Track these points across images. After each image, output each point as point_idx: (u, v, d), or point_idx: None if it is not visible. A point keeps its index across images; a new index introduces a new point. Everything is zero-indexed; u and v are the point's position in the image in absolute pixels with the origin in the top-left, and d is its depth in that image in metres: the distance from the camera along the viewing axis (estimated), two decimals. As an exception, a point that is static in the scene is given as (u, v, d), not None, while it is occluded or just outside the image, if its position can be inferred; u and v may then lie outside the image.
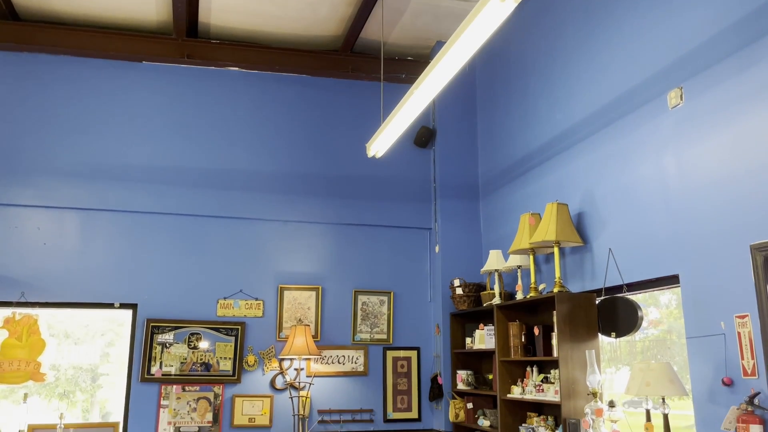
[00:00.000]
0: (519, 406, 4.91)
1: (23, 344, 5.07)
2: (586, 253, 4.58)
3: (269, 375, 5.77)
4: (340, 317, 6.09)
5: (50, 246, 5.49)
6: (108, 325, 5.74)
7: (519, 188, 5.57)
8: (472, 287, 5.72)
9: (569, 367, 4.19)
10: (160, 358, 5.50)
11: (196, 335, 5.64)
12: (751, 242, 3.15)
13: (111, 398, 5.62)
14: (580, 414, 4.06)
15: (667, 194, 3.80)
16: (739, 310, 3.19)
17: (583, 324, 4.27)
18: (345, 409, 5.89)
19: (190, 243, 5.84)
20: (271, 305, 5.92)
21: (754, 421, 2.98)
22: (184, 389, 5.52)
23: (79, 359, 5.59)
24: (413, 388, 6.12)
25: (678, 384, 3.35)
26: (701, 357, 3.42)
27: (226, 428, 5.55)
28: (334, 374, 5.93)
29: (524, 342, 4.85)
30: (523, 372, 4.95)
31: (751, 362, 3.09)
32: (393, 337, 6.18)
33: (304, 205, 6.16)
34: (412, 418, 6.05)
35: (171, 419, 5.43)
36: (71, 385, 5.57)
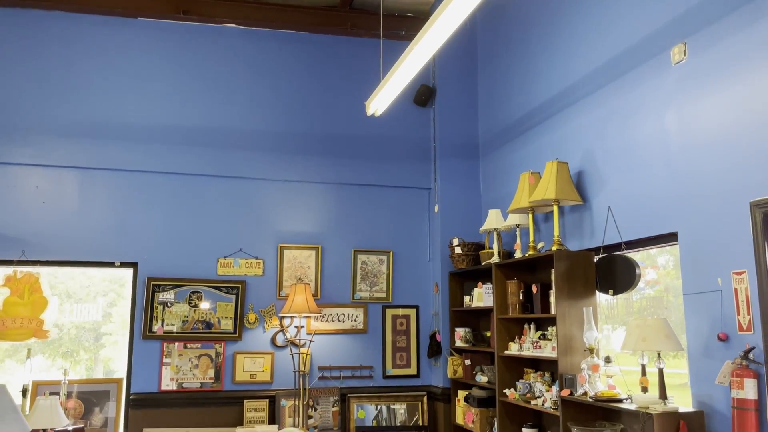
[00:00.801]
0: (516, 362, 4.98)
1: (25, 302, 5.11)
2: (585, 211, 4.59)
3: (270, 332, 5.84)
4: (339, 276, 6.13)
5: (49, 205, 5.49)
6: (109, 286, 5.78)
7: (519, 147, 5.55)
8: (470, 246, 5.75)
9: (566, 324, 4.24)
10: (161, 317, 5.56)
11: (197, 294, 5.68)
12: (750, 199, 3.15)
13: (114, 357, 5.70)
14: (577, 369, 4.12)
15: (668, 152, 3.79)
16: (737, 266, 3.21)
17: (581, 282, 4.30)
18: (345, 365, 5.98)
19: (190, 202, 5.84)
20: (271, 264, 5.95)
21: (748, 375, 3.03)
22: (186, 346, 5.59)
23: (81, 318, 5.64)
24: (412, 346, 6.20)
25: (674, 339, 3.39)
26: (697, 313, 3.46)
27: (227, 384, 5.64)
28: (334, 332, 6.00)
29: (522, 300, 4.90)
30: (520, 329, 5.01)
31: (747, 318, 3.12)
32: (392, 295, 6.24)
33: (304, 165, 6.14)
34: (410, 375, 6.14)
35: (174, 375, 5.52)
36: (74, 344, 5.64)
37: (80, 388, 5.29)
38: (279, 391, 5.71)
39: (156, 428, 5.37)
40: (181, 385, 5.52)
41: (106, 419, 5.33)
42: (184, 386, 5.52)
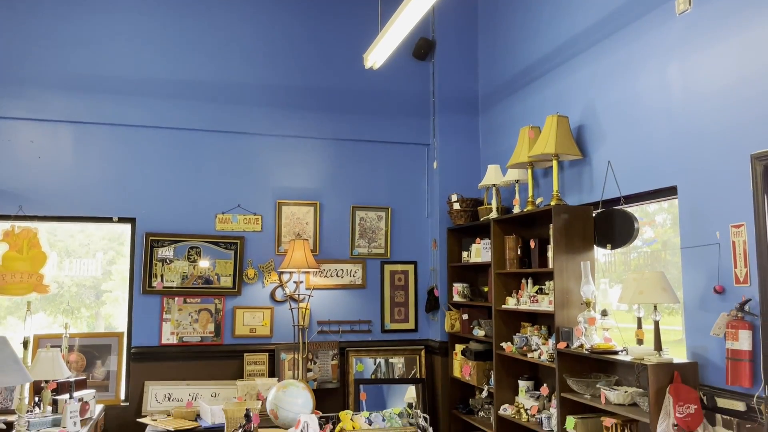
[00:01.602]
0: (513, 316, 5.03)
1: (24, 257, 5.12)
2: (584, 166, 4.56)
3: (269, 288, 5.87)
4: (338, 232, 6.13)
5: (45, 160, 5.44)
6: (109, 244, 5.78)
7: (519, 101, 5.48)
8: (469, 202, 5.74)
9: (564, 278, 4.26)
10: (161, 273, 5.58)
11: (196, 249, 5.69)
12: (752, 151, 3.13)
13: (115, 314, 5.74)
14: (573, 323, 4.16)
15: (670, 104, 3.74)
16: (735, 219, 3.21)
17: (579, 236, 4.31)
18: (344, 320, 6.04)
19: (187, 157, 5.79)
20: (269, 220, 5.94)
21: (743, 327, 3.06)
22: (186, 301, 5.63)
23: (81, 273, 5.66)
24: (410, 301, 6.25)
25: (670, 292, 3.41)
26: (695, 267, 3.47)
27: (227, 338, 5.70)
28: (332, 287, 6.04)
29: (520, 255, 4.91)
30: (518, 284, 5.03)
31: (744, 270, 3.13)
32: (390, 251, 6.25)
33: (301, 120, 6.08)
34: (408, 329, 6.21)
35: (174, 330, 5.57)
36: (75, 301, 5.67)
37: (81, 341, 5.35)
38: (278, 345, 5.77)
39: (157, 381, 5.44)
40: (182, 339, 5.58)
41: (108, 372, 5.40)
42: (184, 340, 5.58)
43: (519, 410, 4.67)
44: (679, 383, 3.26)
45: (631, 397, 3.58)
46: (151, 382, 5.42)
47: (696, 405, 3.22)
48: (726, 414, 3.19)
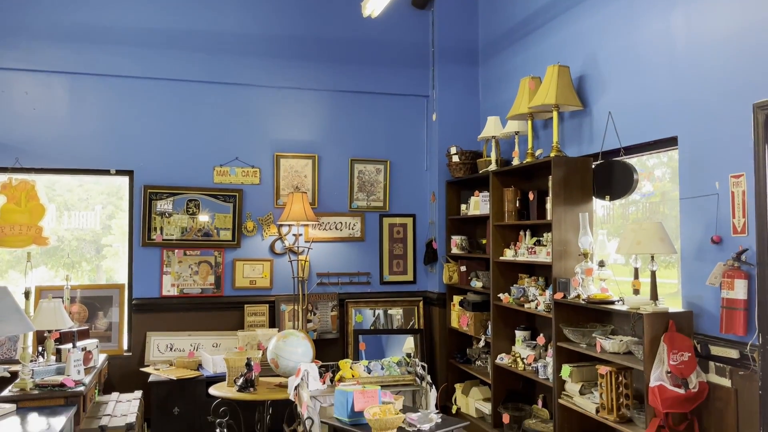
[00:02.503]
0: (511, 267, 5.06)
1: (23, 209, 5.11)
2: (585, 117, 4.52)
3: (268, 240, 5.90)
4: (336, 185, 6.12)
5: (40, 111, 5.38)
6: (108, 198, 5.77)
7: (520, 51, 5.40)
8: (468, 155, 5.71)
9: (562, 229, 4.27)
10: (160, 226, 5.59)
11: (194, 202, 5.68)
12: (754, 100, 3.09)
13: (116, 268, 5.77)
14: (570, 274, 4.19)
15: (673, 53, 3.68)
16: (735, 169, 3.20)
17: (578, 188, 4.30)
18: (343, 272, 6.08)
19: (184, 109, 5.73)
20: (267, 173, 5.92)
21: (739, 276, 3.08)
22: (186, 254, 5.66)
23: (80, 225, 5.67)
24: (409, 253, 6.28)
25: (668, 242, 3.42)
26: (693, 217, 3.48)
27: (228, 290, 5.75)
28: (331, 240, 6.06)
29: (518, 207, 4.92)
30: (516, 236, 5.05)
31: (742, 220, 3.14)
32: (389, 204, 6.25)
33: (299, 71, 5.99)
34: (407, 281, 6.26)
35: (174, 281, 5.61)
36: (76, 255, 5.69)
37: (83, 293, 5.40)
38: (278, 296, 5.83)
39: (159, 331, 5.52)
40: (182, 291, 5.63)
41: (110, 323, 5.47)
42: (184, 292, 5.63)
43: (515, 359, 4.74)
44: (673, 332, 3.31)
45: (626, 345, 3.63)
46: (153, 333, 5.49)
47: (690, 353, 3.27)
48: (719, 362, 3.25)
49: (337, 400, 3.55)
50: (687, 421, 3.32)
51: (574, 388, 3.98)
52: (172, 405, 4.97)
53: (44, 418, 3.08)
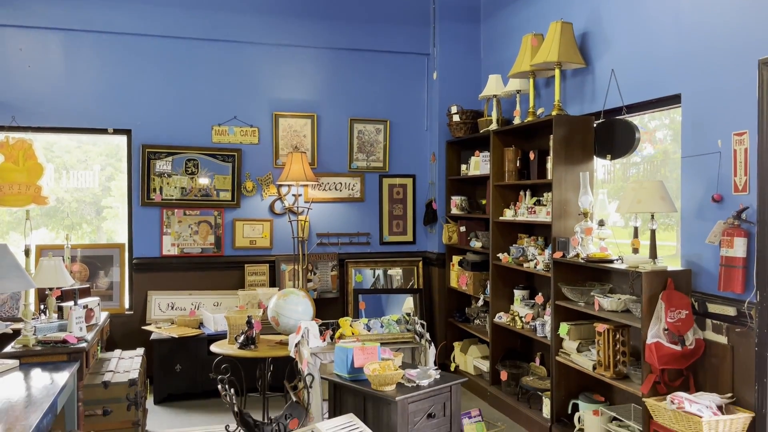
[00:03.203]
0: (510, 227, 5.06)
1: (20, 168, 5.09)
2: (587, 75, 4.46)
3: (268, 200, 5.88)
4: (336, 145, 6.08)
5: (36, 69, 5.31)
6: (107, 160, 5.74)
7: (522, 8, 5.30)
8: (469, 114, 5.65)
9: (562, 189, 4.26)
10: (159, 186, 5.57)
11: (193, 161, 5.65)
12: (759, 56, 3.04)
13: (117, 229, 5.76)
14: (570, 233, 4.19)
15: (678, 9, 3.61)
16: (738, 127, 3.17)
17: (579, 147, 4.27)
18: (343, 232, 6.09)
19: (181, 67, 5.65)
20: (266, 132, 5.87)
21: (739, 234, 3.08)
22: (185, 213, 5.65)
23: (80, 193, 5.66)
24: (408, 214, 6.28)
25: (668, 201, 3.41)
26: (694, 176, 3.46)
27: (228, 250, 5.76)
28: (331, 200, 6.05)
29: (519, 167, 4.89)
30: (516, 196, 5.04)
31: (744, 179, 3.12)
32: (389, 165, 6.22)
33: (297, 28, 5.89)
34: (406, 241, 6.28)
35: (174, 241, 5.62)
36: (76, 217, 5.69)
37: (84, 252, 5.41)
38: (278, 256, 5.85)
39: (160, 290, 5.55)
40: (183, 251, 5.64)
41: (111, 283, 5.50)
42: (185, 251, 5.65)
43: (514, 318, 4.78)
44: (672, 290, 3.32)
45: (624, 303, 3.65)
46: (154, 292, 5.53)
47: (687, 310, 3.29)
48: (716, 319, 3.27)
49: (337, 356, 3.58)
50: (682, 378, 3.36)
51: (572, 346, 4.02)
52: (173, 362, 5.03)
53: (47, 373, 3.11)
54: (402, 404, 3.22)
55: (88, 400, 3.66)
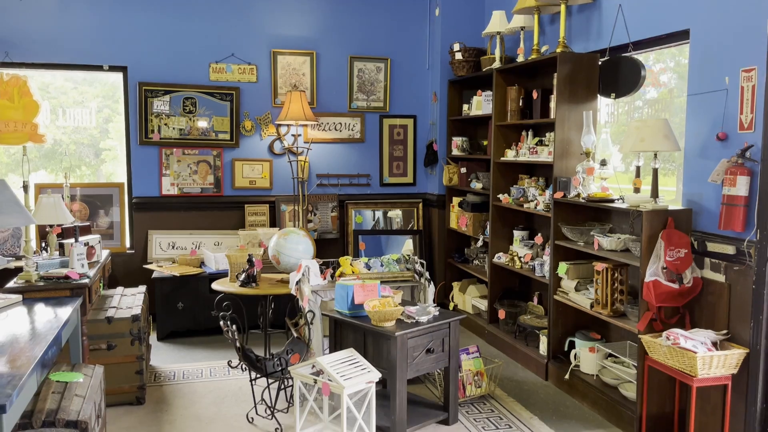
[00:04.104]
0: (511, 168, 5.03)
1: (16, 105, 4.99)
2: (593, 11, 4.34)
3: (267, 140, 5.83)
4: (335, 84, 5.98)
5: (28, 3, 5.16)
6: (103, 102, 5.65)
7: (528, -59, 5.10)
8: (472, 52, 5.54)
9: (565, 128, 4.21)
10: (158, 126, 5.50)
11: (191, 100, 5.57)
12: (773, -11, 2.95)
13: (116, 173, 5.72)
14: (572, 173, 4.16)
15: (691, -60, 3.48)
16: (747, 63, 3.10)
17: (583, 85, 4.19)
18: (342, 173, 6.06)
19: (178, 2, 5.49)
20: (264, 70, 5.76)
21: (742, 173, 3.06)
22: (184, 153, 5.61)
23: (78, 135, 5.59)
24: (409, 155, 6.23)
25: (672, 139, 3.37)
26: (699, 114, 3.41)
27: (227, 190, 5.75)
28: (331, 141, 5.99)
29: (521, 106, 4.82)
30: (518, 137, 4.99)
31: (750, 116, 3.08)
32: (389, 105, 6.14)
33: (295, -39, 5.71)
34: (407, 183, 6.25)
35: (174, 181, 5.60)
36: (75, 159, 5.63)
37: (83, 191, 5.40)
38: (278, 197, 5.84)
39: (160, 230, 5.56)
40: (182, 191, 5.63)
41: (111, 222, 5.50)
42: (184, 191, 5.63)
43: (513, 258, 4.81)
44: (672, 229, 3.32)
45: (623, 243, 3.66)
46: (155, 232, 5.54)
47: (686, 249, 3.30)
48: (715, 258, 3.28)
49: (338, 293, 3.62)
50: (679, 315, 3.40)
51: (570, 285, 4.06)
52: (175, 300, 5.08)
53: (51, 308, 3.15)
54: (401, 339, 3.27)
55: (92, 335, 3.71)
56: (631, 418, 3.45)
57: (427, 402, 3.76)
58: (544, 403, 3.91)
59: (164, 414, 3.70)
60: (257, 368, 3.55)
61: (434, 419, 3.54)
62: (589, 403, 3.82)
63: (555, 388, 4.16)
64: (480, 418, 3.67)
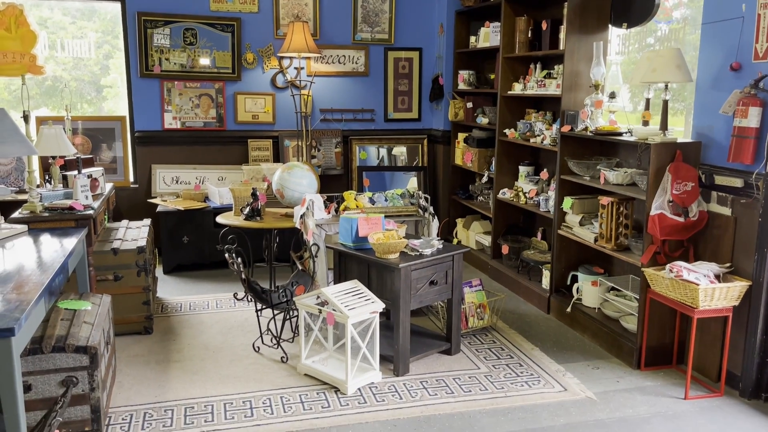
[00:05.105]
0: (518, 102, 4.95)
1: (13, 36, 4.90)
2: (608, -64, 4.16)
3: (269, 73, 5.72)
4: (339, 15, 5.82)
5: (19, -73, 4.99)
6: (103, 37, 5.51)
7: None
8: (480, -19, 5.36)
9: (574, 60, 4.11)
10: (158, 58, 5.40)
11: (191, 31, 5.44)
12: None
13: (118, 109, 5.62)
14: (580, 106, 4.09)
15: None
16: (766, -11, 2.98)
17: (594, 15, 4.07)
18: (346, 108, 5.97)
19: (173, -73, 5.31)
20: (266, 0, 5.60)
21: (755, 104, 2.99)
22: (186, 86, 5.52)
23: (78, 71, 5.49)
24: (414, 89, 6.13)
25: (684, 70, 3.29)
26: (714, 43, 3.31)
27: (230, 124, 5.68)
28: (334, 74, 5.88)
29: (530, 38, 4.70)
30: (525, 69, 4.88)
31: (765, 45, 2.98)
32: (395, 37, 5.99)
33: None
34: (412, 118, 6.17)
35: (176, 114, 5.53)
36: (76, 96, 5.54)
37: (85, 125, 5.34)
38: (282, 132, 5.78)
39: (164, 164, 5.54)
40: (185, 125, 5.57)
41: (114, 157, 5.47)
42: (187, 125, 5.57)
43: (518, 193, 4.79)
44: (679, 162, 3.28)
45: (630, 177, 3.63)
46: (158, 166, 5.52)
47: (694, 183, 3.27)
48: (722, 191, 3.25)
49: (342, 226, 3.62)
50: (683, 249, 3.40)
51: (575, 220, 4.05)
52: (180, 234, 5.11)
53: (56, 238, 3.16)
54: (405, 271, 3.29)
55: (98, 266, 3.74)
56: (631, 349, 3.50)
57: (430, 333, 3.82)
58: (546, 335, 3.97)
59: (172, 343, 3.78)
60: (263, 299, 3.59)
61: (437, 349, 3.60)
62: (590, 335, 3.88)
63: (557, 321, 4.21)
64: (482, 348, 3.73)
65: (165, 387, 3.21)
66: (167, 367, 3.45)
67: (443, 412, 2.99)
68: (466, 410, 3.01)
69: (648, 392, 3.22)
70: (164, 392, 3.15)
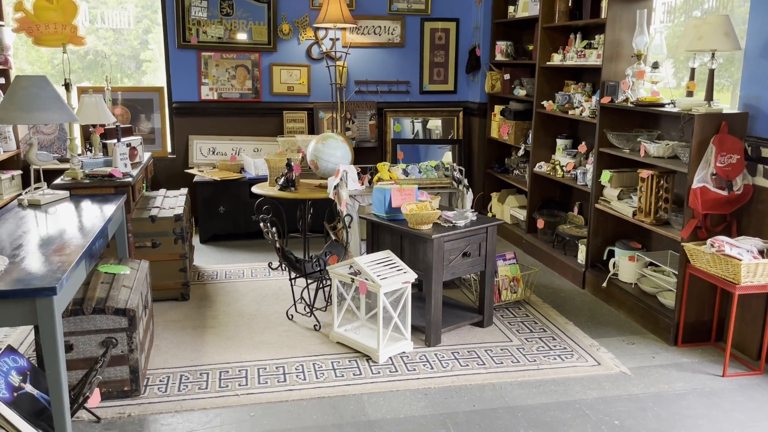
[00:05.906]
0: (557, 73, 4.84)
1: (55, 6, 4.97)
2: None
3: (305, 44, 5.71)
4: (376, -14, 5.76)
5: None
6: (143, 12, 5.56)
7: None
8: (519, -51, 5.22)
9: (616, 29, 3.99)
10: (196, 29, 5.42)
11: (228, 2, 5.44)
12: None
13: (156, 82, 5.68)
14: (621, 77, 3.98)
15: None
16: (824, -49, 2.84)
17: (639, -18, 3.94)
18: (381, 80, 5.93)
19: None
20: (302, -29, 5.57)
21: (806, 72, 2.87)
22: (222, 57, 5.54)
23: (119, 46, 5.55)
24: (450, 61, 6.04)
25: (733, 37, 3.16)
26: (764, 10, 3.16)
27: (266, 96, 5.70)
28: (370, 45, 5.83)
29: (571, 6, 4.58)
30: (565, 40, 4.76)
31: (821, 11, 2.84)
32: (431, 7, 5.90)
33: None
34: (447, 90, 6.10)
35: (212, 86, 5.57)
36: (117, 70, 5.62)
37: (124, 96, 5.42)
38: (316, 104, 5.77)
39: (201, 135, 5.60)
40: (221, 96, 5.60)
41: (152, 128, 5.55)
42: (223, 96, 5.61)
43: (554, 167, 4.71)
44: (725, 133, 3.17)
45: (672, 149, 3.52)
46: (195, 137, 5.58)
47: (739, 155, 3.16)
48: (768, 164, 3.14)
49: (375, 197, 3.61)
50: (725, 223, 3.30)
51: (613, 193, 3.97)
52: (216, 204, 5.18)
53: (96, 204, 3.23)
54: (438, 242, 3.28)
55: (137, 232, 3.82)
56: (669, 325, 3.43)
57: (462, 305, 3.81)
58: (580, 310, 3.92)
59: (208, 309, 3.85)
60: (297, 268, 3.62)
61: (469, 321, 3.59)
62: (626, 311, 3.82)
63: (591, 296, 4.16)
64: (514, 321, 3.71)
65: (200, 351, 3.28)
66: (203, 332, 3.52)
67: (474, 383, 2.99)
68: (498, 381, 3.01)
69: (684, 368, 3.16)
70: (200, 356, 3.22)
